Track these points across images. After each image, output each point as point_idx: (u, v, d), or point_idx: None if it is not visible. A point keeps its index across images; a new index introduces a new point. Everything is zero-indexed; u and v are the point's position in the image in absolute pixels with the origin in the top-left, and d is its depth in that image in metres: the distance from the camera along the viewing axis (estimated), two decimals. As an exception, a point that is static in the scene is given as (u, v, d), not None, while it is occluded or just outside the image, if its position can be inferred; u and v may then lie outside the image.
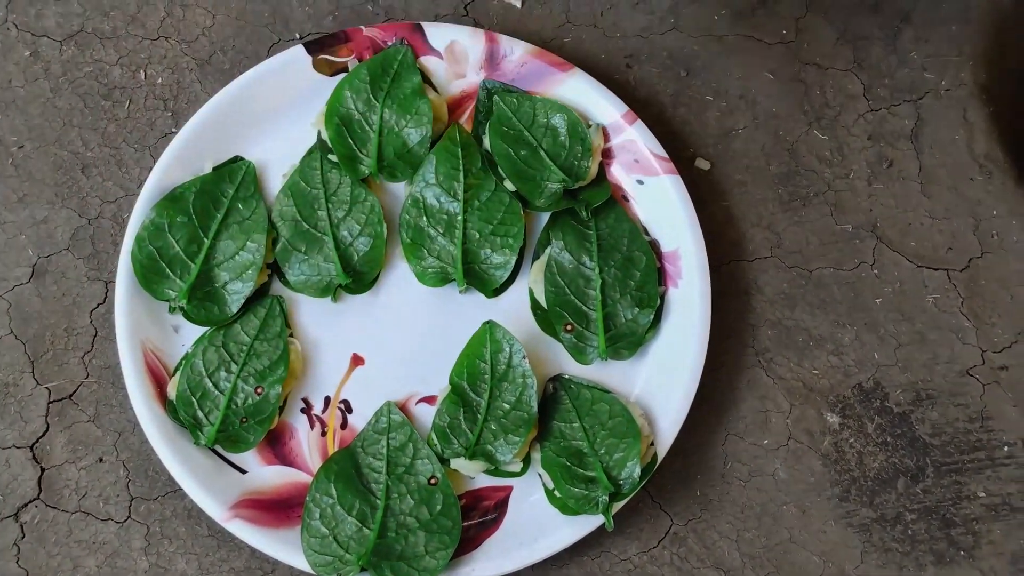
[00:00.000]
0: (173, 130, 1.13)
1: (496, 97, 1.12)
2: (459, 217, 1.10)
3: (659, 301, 1.08)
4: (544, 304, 1.09)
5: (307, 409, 1.08)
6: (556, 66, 1.13)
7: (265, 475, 1.05)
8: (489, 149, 1.12)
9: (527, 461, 1.06)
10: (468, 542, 1.04)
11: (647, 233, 1.11)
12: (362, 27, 1.13)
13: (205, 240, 1.08)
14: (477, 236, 1.10)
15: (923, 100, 1.17)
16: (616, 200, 1.11)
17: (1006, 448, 1.08)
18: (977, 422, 1.09)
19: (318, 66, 1.12)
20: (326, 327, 1.09)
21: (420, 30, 1.13)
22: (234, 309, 1.07)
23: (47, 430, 1.06)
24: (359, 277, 1.09)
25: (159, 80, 1.14)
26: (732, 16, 1.18)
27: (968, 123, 1.16)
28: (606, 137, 1.12)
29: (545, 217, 1.12)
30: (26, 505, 1.04)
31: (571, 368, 1.08)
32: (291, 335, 1.08)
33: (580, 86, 1.13)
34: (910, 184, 1.15)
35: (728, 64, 1.17)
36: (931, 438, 1.08)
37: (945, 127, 1.16)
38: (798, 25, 1.18)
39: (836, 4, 1.18)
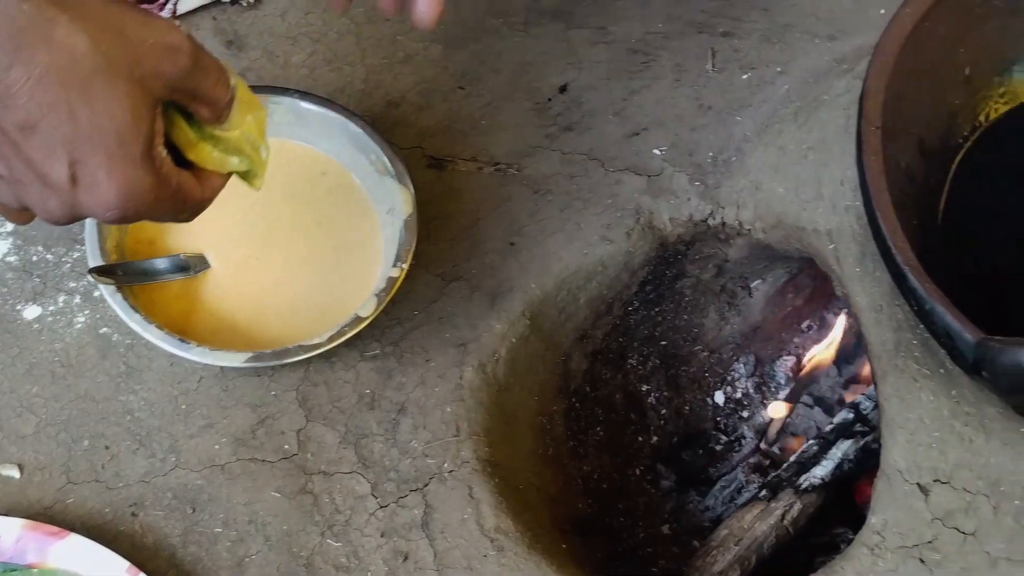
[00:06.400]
0: None
1: (-5, 580, 1.12)
2: None
3: None
4: None
5: None
6: (53, 535, 1.13)
7: None
8: (-10, 637, 1.10)
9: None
10: None
11: None
12: None
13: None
14: None
15: (428, 487, 1.20)
16: (130, 661, 1.10)
17: None
18: None
19: None
20: None
21: (-94, 528, 1.12)
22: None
23: None
24: None
25: None
26: (232, 442, 1.20)
27: (475, 500, 1.19)
28: (110, 596, 1.12)
29: None
30: None
31: None
32: None
33: (80, 550, 1.12)
34: (427, 574, 1.16)
35: (233, 491, 1.18)
36: None
37: (453, 509, 1.19)
38: (299, 436, 1.21)
39: (335, 407, 1.22)
